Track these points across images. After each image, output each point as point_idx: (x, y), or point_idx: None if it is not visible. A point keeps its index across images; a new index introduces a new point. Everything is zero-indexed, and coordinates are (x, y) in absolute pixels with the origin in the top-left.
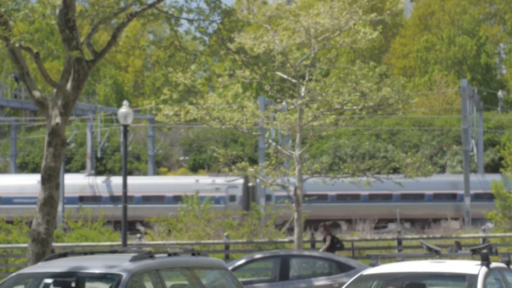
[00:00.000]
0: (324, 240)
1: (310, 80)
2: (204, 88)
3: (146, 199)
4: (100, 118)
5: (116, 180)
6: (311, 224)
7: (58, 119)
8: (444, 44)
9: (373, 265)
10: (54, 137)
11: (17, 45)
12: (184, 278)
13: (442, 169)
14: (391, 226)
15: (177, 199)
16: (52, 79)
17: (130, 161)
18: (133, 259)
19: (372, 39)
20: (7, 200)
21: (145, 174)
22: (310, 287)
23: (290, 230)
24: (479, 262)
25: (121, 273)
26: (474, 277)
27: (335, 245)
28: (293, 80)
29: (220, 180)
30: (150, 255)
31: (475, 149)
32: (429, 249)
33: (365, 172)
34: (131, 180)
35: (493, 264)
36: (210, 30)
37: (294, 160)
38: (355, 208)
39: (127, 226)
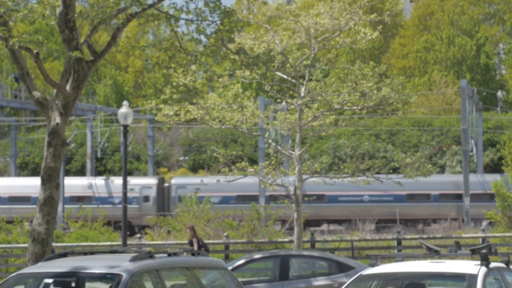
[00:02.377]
0: (191, 243)
1: (310, 80)
2: (204, 88)
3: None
4: (100, 118)
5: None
6: None
7: (58, 119)
8: (444, 45)
9: (372, 265)
10: (54, 137)
11: (16, 47)
12: (184, 278)
13: (442, 169)
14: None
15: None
16: (52, 80)
17: (130, 161)
18: (133, 259)
19: (372, 40)
20: None
21: (145, 174)
22: (309, 287)
23: (290, 229)
24: (478, 262)
25: (121, 273)
26: (473, 277)
27: (200, 248)
28: (293, 80)
29: None
30: (150, 255)
31: (474, 149)
32: (429, 249)
33: (364, 172)
34: None
35: (493, 264)
36: (209, 31)
37: (294, 160)
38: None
39: None
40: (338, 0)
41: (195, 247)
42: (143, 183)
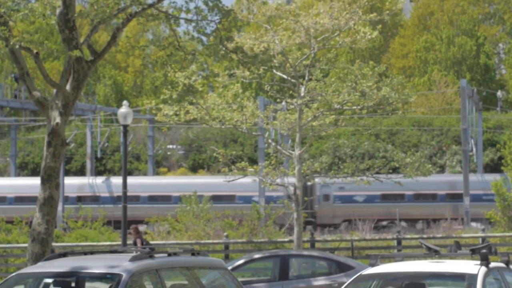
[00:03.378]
0: (135, 243)
1: (310, 80)
2: (203, 88)
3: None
4: (100, 118)
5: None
6: None
7: (58, 119)
8: (444, 44)
9: (372, 265)
10: (54, 137)
11: (17, 46)
12: (184, 278)
13: (442, 169)
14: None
15: None
16: (52, 79)
17: (130, 161)
18: (133, 259)
19: (371, 39)
20: None
21: (145, 174)
22: (309, 287)
23: (290, 229)
24: (478, 262)
25: (121, 273)
26: (473, 277)
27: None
28: (293, 80)
29: None
30: (150, 255)
31: (474, 149)
32: (429, 249)
33: (364, 172)
34: None
35: (493, 264)
36: (208, 30)
37: (293, 160)
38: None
39: None
40: (338, 0)
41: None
42: (288, 181)
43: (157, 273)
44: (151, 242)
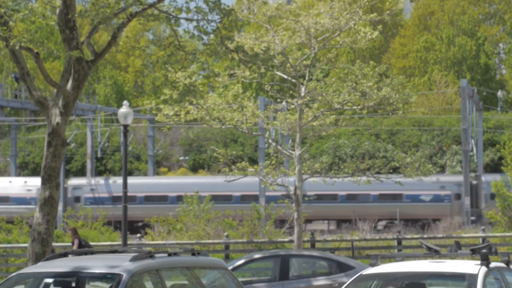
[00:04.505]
0: (72, 243)
1: (310, 80)
2: (204, 88)
3: None
4: (100, 118)
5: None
6: None
7: (58, 119)
8: (444, 44)
9: (372, 265)
10: (54, 137)
11: (17, 47)
12: (184, 278)
13: (442, 169)
14: None
15: None
16: (52, 79)
17: (130, 161)
18: (133, 259)
19: (372, 39)
20: None
21: (145, 174)
22: (309, 287)
23: (290, 229)
24: (478, 262)
25: (121, 273)
26: (473, 277)
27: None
28: (293, 80)
29: None
30: (150, 255)
31: (474, 149)
32: (429, 248)
33: (365, 172)
34: None
35: (493, 264)
36: (209, 30)
37: (294, 160)
38: None
39: None
40: (338, 0)
41: (75, 247)
42: (454, 180)
43: (157, 273)
44: (152, 242)
